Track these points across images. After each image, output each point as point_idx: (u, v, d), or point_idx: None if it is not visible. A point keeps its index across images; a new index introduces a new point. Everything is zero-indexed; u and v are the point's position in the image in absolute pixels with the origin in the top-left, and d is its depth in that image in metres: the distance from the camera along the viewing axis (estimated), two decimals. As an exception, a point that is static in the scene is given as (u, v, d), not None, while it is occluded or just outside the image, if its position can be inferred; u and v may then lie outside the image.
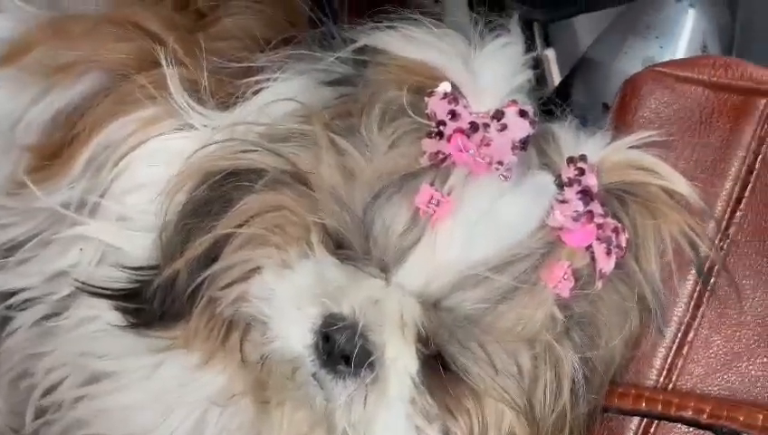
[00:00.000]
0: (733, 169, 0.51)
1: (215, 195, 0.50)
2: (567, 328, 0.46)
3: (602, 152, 0.48)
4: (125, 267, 0.51)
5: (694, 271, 0.50)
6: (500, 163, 0.45)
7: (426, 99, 0.47)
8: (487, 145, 0.45)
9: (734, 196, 0.51)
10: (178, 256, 0.50)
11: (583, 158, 0.46)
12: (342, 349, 0.44)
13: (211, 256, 0.49)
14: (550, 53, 0.73)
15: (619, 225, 0.46)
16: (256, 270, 0.48)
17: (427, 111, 0.46)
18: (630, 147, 0.48)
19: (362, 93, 0.49)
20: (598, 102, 0.59)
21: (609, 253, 0.45)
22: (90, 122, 0.55)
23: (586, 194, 0.45)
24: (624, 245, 0.46)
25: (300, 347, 0.46)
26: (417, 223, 0.44)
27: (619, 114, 0.53)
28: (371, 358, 0.44)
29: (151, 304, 0.50)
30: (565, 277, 0.45)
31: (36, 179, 0.54)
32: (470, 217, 0.44)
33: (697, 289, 0.49)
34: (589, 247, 0.45)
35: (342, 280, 0.45)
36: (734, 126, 0.52)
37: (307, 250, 0.47)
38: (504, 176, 0.44)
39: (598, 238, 0.45)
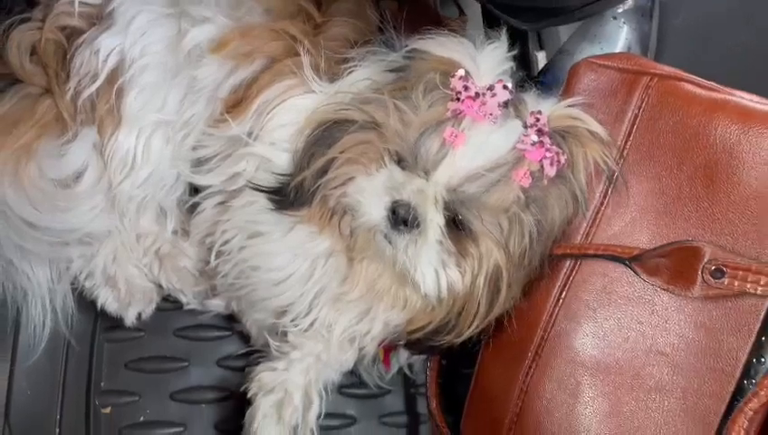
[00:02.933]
0: (627, 117, 0.67)
1: (326, 134, 0.69)
2: (527, 204, 0.65)
3: (552, 108, 0.67)
4: (273, 173, 0.70)
5: (604, 177, 0.67)
6: (491, 114, 0.65)
7: (449, 79, 0.66)
8: (485, 105, 0.65)
9: (627, 132, 0.67)
10: (305, 169, 0.69)
11: (539, 112, 0.67)
12: (403, 217, 0.64)
13: (324, 169, 0.68)
14: (540, 55, 0.87)
15: (560, 150, 0.65)
16: (351, 178, 0.68)
17: (450, 86, 0.66)
18: (568, 106, 0.68)
19: (411, 75, 0.67)
20: (563, 80, 0.75)
21: (552, 164, 0.65)
22: (256, 87, 0.72)
23: (540, 132, 0.65)
24: (563, 162, 0.65)
25: (378, 218, 0.66)
26: (444, 147, 0.65)
27: (566, 88, 0.71)
28: (418, 221, 0.65)
29: (288, 196, 0.69)
30: (525, 176, 0.64)
31: (229, 118, 0.72)
32: (474, 144, 0.64)
33: (605, 188, 0.67)
34: (540, 160, 0.65)
35: (402, 180, 0.65)
36: (628, 92, 0.67)
37: (381, 165, 0.66)
38: (493, 122, 0.65)
39: (545, 157, 0.65)
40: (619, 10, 0.79)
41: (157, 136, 0.76)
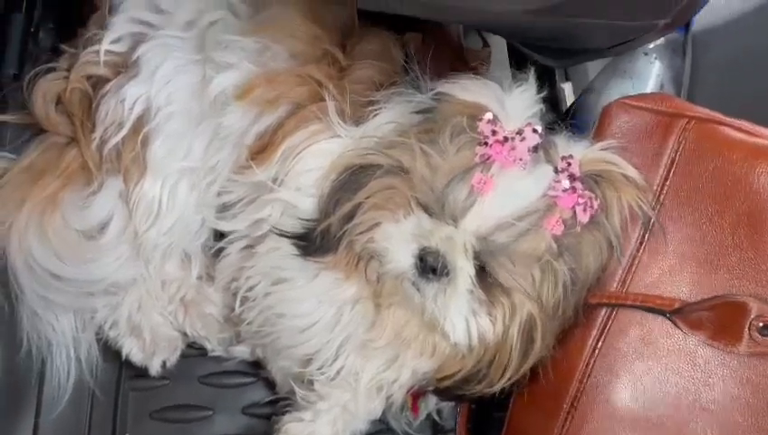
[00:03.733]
0: (663, 161, 0.66)
1: (352, 179, 0.68)
2: (560, 253, 0.63)
3: (584, 152, 0.66)
4: (298, 218, 0.69)
5: (640, 223, 0.66)
6: (521, 160, 0.64)
7: (477, 122, 0.64)
8: (514, 149, 0.64)
9: (664, 178, 0.66)
10: (331, 214, 0.68)
11: (571, 156, 0.65)
12: (431, 265, 0.63)
13: (350, 215, 0.67)
14: (566, 86, 0.88)
15: (593, 195, 0.64)
16: (377, 224, 0.67)
17: (478, 130, 0.64)
18: (601, 149, 0.67)
19: (438, 118, 0.66)
20: (593, 120, 0.74)
21: (585, 210, 0.63)
22: (282, 133, 0.71)
23: (572, 177, 0.64)
24: (596, 207, 0.64)
25: (406, 265, 0.65)
26: (472, 194, 0.63)
27: (598, 129, 0.70)
28: (447, 269, 0.64)
29: (313, 242, 0.68)
30: (558, 224, 0.62)
31: (255, 164, 0.71)
32: (503, 190, 0.63)
33: (641, 234, 0.66)
34: (573, 207, 0.63)
35: (430, 227, 0.64)
36: (664, 135, 0.67)
37: (409, 211, 0.65)
38: (523, 167, 0.64)
39: (578, 203, 0.63)
40: (651, 45, 0.79)
41: (182, 183, 0.76)
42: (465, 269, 0.64)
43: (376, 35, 0.75)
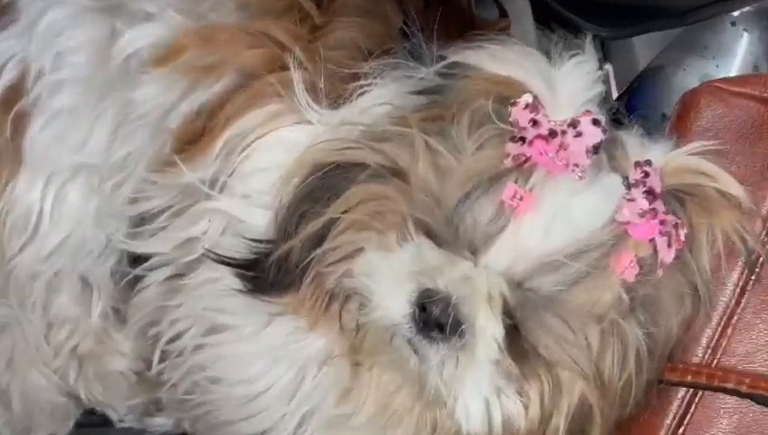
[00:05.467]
0: None
1: (324, 183, 0.56)
2: (632, 308, 0.51)
3: (665, 158, 0.53)
4: (246, 238, 0.57)
5: (740, 262, 0.55)
6: (576, 165, 0.50)
7: (509, 108, 0.52)
8: (564, 149, 0.51)
9: None
10: (293, 235, 0.55)
11: (648, 162, 0.52)
12: (437, 318, 0.50)
13: (320, 236, 0.55)
14: (609, 67, 0.78)
15: (679, 221, 0.51)
16: (359, 250, 0.54)
17: (510, 119, 0.52)
18: (690, 154, 0.53)
19: (451, 101, 0.55)
20: (656, 113, 0.64)
21: (669, 245, 0.51)
22: (226, 114, 0.60)
23: (650, 194, 0.51)
24: (683, 239, 0.51)
25: (398, 316, 0.51)
26: (502, 215, 0.50)
27: (678, 124, 0.59)
28: (462, 326, 0.50)
29: (267, 273, 0.56)
30: (631, 265, 0.50)
31: (181, 159, 0.60)
32: (549, 211, 0.50)
33: (743, 277, 0.55)
34: (652, 240, 0.50)
35: (437, 261, 0.51)
36: None
37: (406, 235, 0.53)
38: (579, 176, 0.50)
39: (660, 232, 0.50)
40: (736, 14, 0.68)
41: (75, 185, 0.65)
42: (488, 329, 0.51)
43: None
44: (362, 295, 0.53)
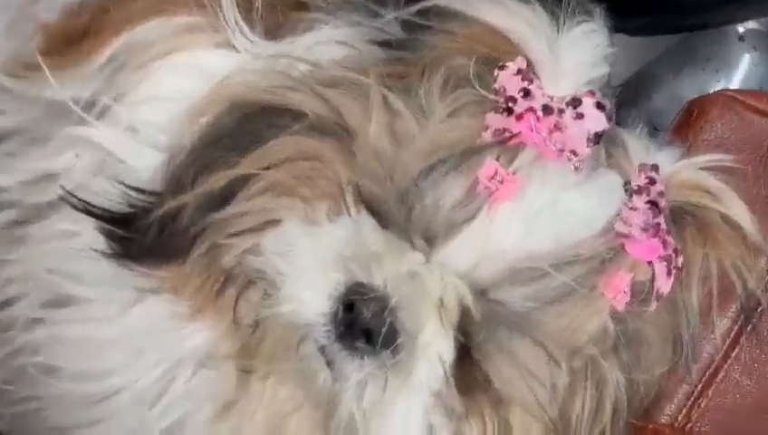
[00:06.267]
0: None
1: (243, 128, 0.45)
2: (616, 345, 0.43)
3: (673, 167, 0.45)
4: (123, 184, 0.45)
5: (734, 307, 0.48)
6: (573, 153, 0.41)
7: (496, 72, 0.44)
8: (560, 130, 0.42)
9: None
10: (188, 187, 0.45)
11: (655, 168, 0.43)
12: (367, 323, 0.40)
13: (226, 195, 0.45)
14: None
15: (678, 247, 0.43)
16: (274, 221, 0.44)
17: (495, 86, 0.43)
18: (700, 167, 0.45)
19: (421, 56, 0.46)
20: (644, 124, 0.58)
21: (669, 273, 0.42)
22: (124, 14, 0.50)
23: (655, 206, 0.43)
24: (681, 267, 0.43)
25: (314, 314, 0.41)
26: (473, 199, 0.41)
27: (679, 133, 0.53)
28: (398, 339, 0.40)
29: (144, 235, 0.45)
30: (625, 289, 0.42)
31: (49, 65, 0.49)
32: (534, 203, 0.41)
33: (736, 327, 0.48)
34: (650, 263, 0.42)
35: (378, 246, 0.40)
36: None
37: (341, 207, 0.42)
38: (575, 166, 0.41)
39: (660, 256, 0.42)
40: (742, 29, 0.63)
41: None
42: (434, 346, 0.41)
43: None
44: (269, 281, 0.43)
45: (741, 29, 0.65)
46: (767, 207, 0.49)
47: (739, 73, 0.65)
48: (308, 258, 0.42)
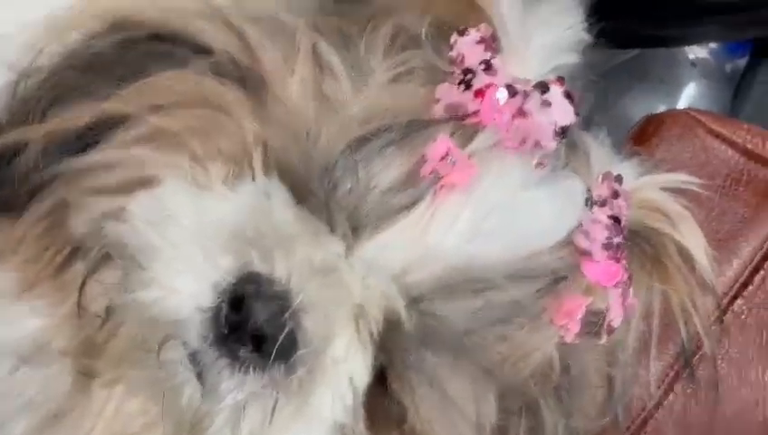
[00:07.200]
0: (747, 250, 0.46)
1: (125, 54, 0.37)
2: (558, 385, 0.36)
3: (637, 182, 0.39)
4: None
5: (673, 349, 0.42)
6: (537, 144, 0.34)
7: (454, 37, 0.37)
8: (524, 117, 0.34)
9: (742, 280, 0.45)
10: (38, 119, 0.37)
11: (619, 179, 0.37)
12: (258, 327, 0.32)
13: (88, 138, 0.36)
14: None
15: (631, 273, 0.37)
16: (151, 180, 0.35)
17: (451, 53, 0.37)
18: (663, 187, 0.40)
19: (366, 11, 0.39)
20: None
21: (623, 304, 0.36)
22: None
23: (617, 222, 0.36)
24: (632, 300, 0.37)
25: (187, 307, 0.32)
26: (415, 182, 0.33)
27: (633, 147, 0.45)
28: (299, 351, 0.31)
29: None
30: (577, 317, 0.34)
31: None
32: (487, 198, 0.33)
33: (673, 370, 0.43)
34: (606, 287, 0.35)
35: (287, 226, 0.32)
36: (760, 202, 0.46)
37: (245, 172, 0.34)
38: (539, 162, 0.34)
39: (617, 282, 0.35)
40: (692, 56, 0.62)
41: None
42: (346, 365, 0.33)
43: None
44: (132, 258, 0.34)
45: (692, 56, 0.62)
46: (720, 242, 0.45)
47: (684, 99, 0.62)
48: (189, 233, 0.33)
